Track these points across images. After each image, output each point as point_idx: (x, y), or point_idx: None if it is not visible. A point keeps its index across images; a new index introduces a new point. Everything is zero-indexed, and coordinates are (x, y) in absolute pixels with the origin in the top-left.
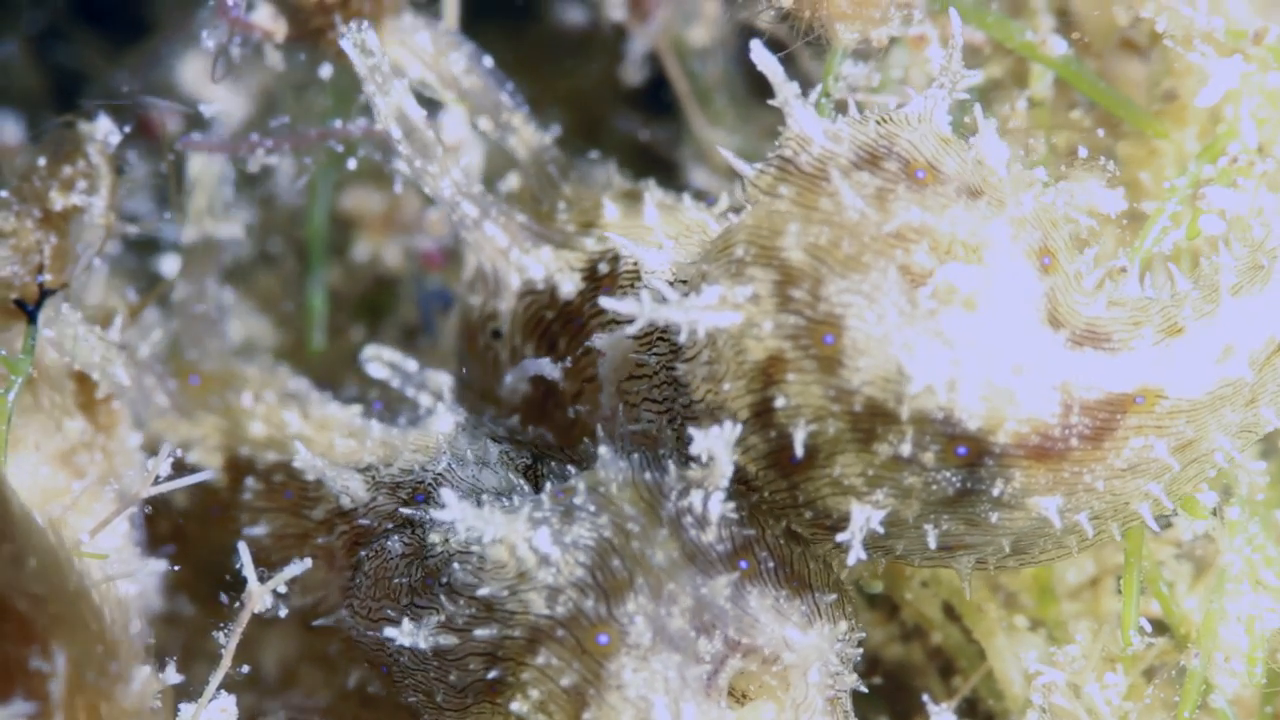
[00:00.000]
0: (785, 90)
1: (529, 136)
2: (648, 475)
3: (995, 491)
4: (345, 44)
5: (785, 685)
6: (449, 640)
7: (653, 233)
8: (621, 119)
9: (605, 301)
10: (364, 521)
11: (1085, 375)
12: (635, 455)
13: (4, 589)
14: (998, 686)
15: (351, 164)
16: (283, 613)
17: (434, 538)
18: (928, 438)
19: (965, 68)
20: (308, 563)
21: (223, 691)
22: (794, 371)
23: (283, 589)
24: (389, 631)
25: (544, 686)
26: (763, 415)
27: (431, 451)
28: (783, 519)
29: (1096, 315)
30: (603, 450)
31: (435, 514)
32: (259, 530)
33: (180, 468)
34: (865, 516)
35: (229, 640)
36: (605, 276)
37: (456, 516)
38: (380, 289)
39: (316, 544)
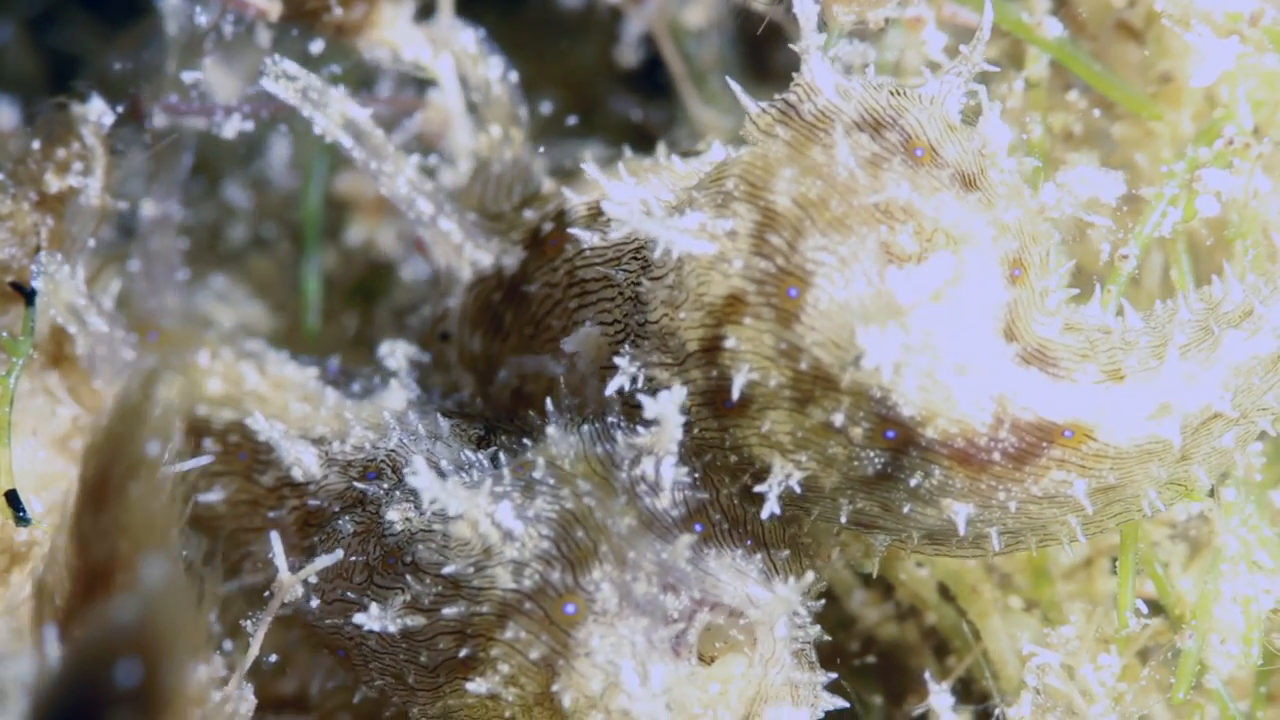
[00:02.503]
0: (811, 38)
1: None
2: (598, 448)
3: (913, 483)
4: (267, 83)
5: (752, 640)
6: (417, 621)
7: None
8: (617, 100)
9: (605, 205)
10: (314, 502)
11: (1024, 395)
12: (585, 428)
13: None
14: (992, 667)
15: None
16: (314, 602)
17: (392, 515)
18: (861, 413)
19: (963, 51)
20: (338, 554)
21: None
22: (751, 316)
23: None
24: (358, 618)
25: (513, 660)
26: (710, 352)
27: (383, 429)
28: (737, 478)
29: (1049, 338)
30: (550, 430)
31: (409, 479)
32: (214, 496)
33: None
34: (785, 474)
35: (257, 629)
36: (551, 233)
37: (424, 486)
38: (374, 273)
39: (267, 518)
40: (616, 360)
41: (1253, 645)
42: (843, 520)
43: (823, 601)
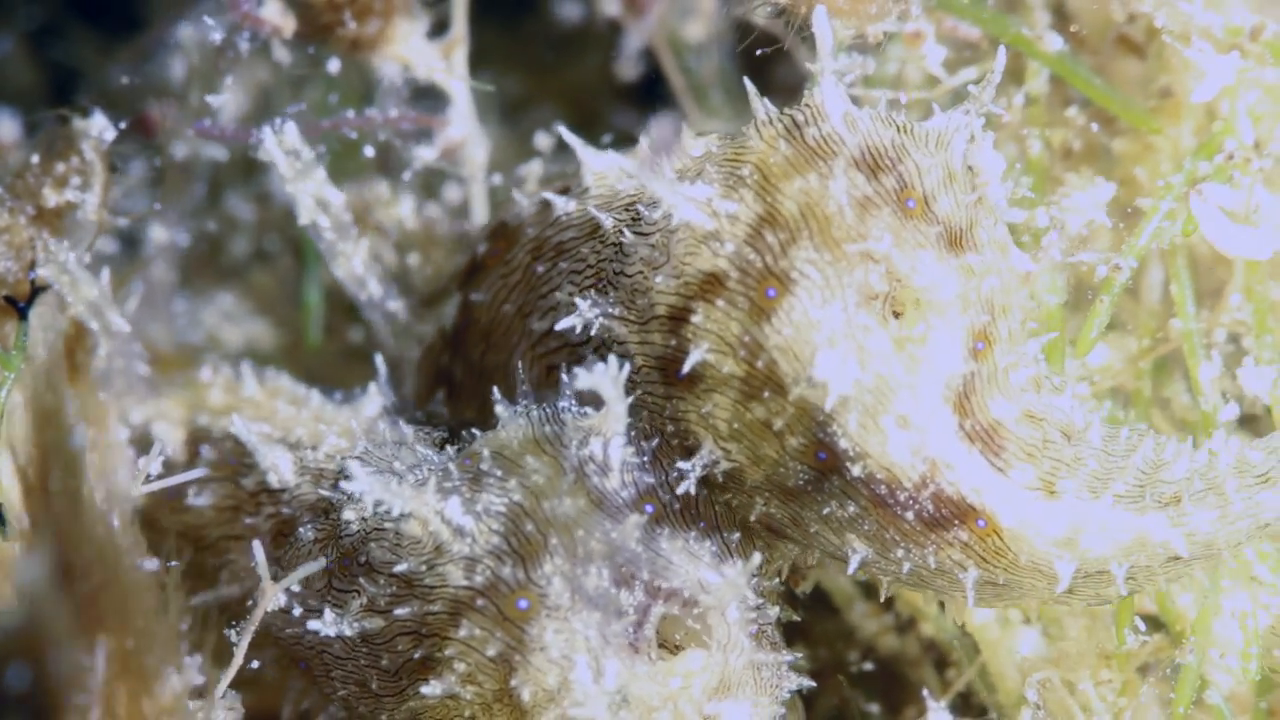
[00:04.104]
0: (827, 63)
1: None
2: (547, 429)
3: (826, 510)
4: (269, 145)
5: (710, 629)
6: (375, 623)
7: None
8: (618, 114)
9: (613, 161)
10: (286, 510)
11: (957, 470)
12: (534, 412)
13: (70, 568)
14: (991, 680)
15: (369, 152)
16: (296, 611)
17: (348, 515)
18: (800, 426)
19: (961, 65)
20: (321, 561)
21: (230, 690)
22: (725, 300)
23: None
24: (313, 624)
25: (470, 658)
26: (675, 320)
27: (353, 436)
28: (688, 457)
29: (1002, 421)
30: (500, 410)
31: (343, 484)
32: (202, 500)
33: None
34: (713, 458)
35: (240, 637)
36: (490, 247)
37: (363, 488)
38: None
39: (244, 524)
40: (577, 300)
41: (1251, 660)
42: (752, 518)
43: (777, 580)
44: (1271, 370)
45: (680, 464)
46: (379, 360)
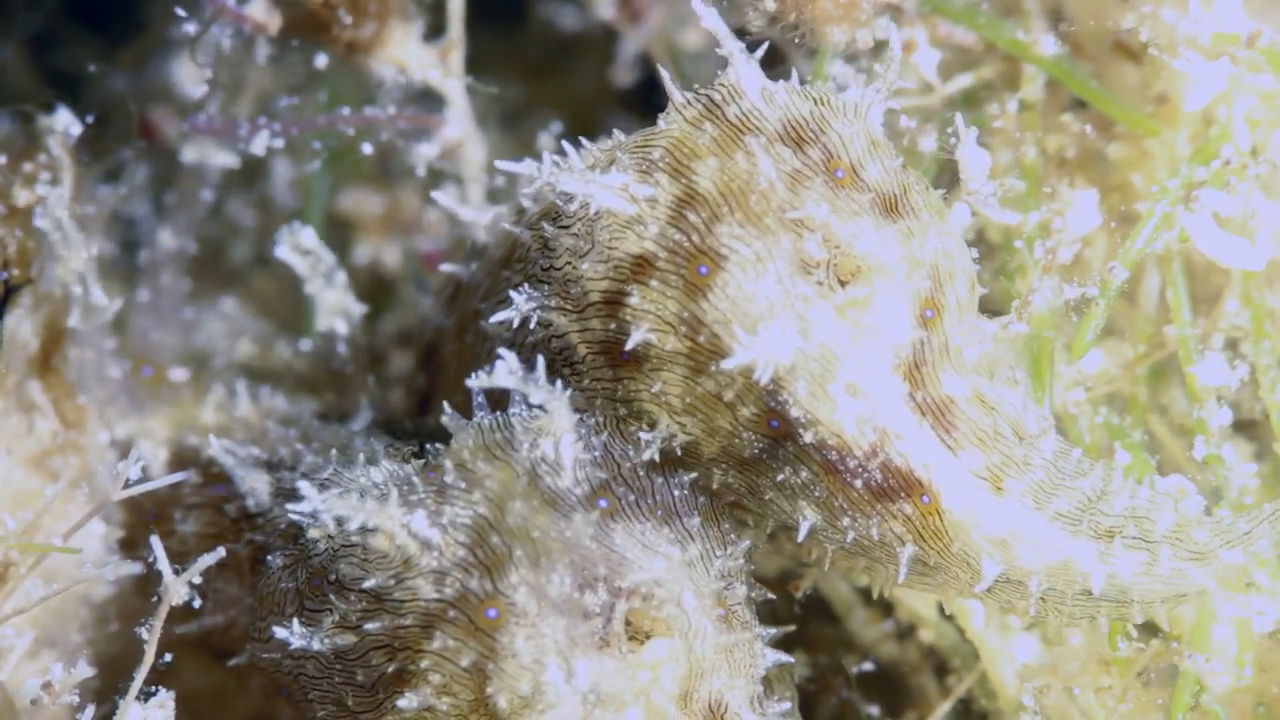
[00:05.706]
0: (730, 44)
1: None
2: (497, 435)
3: (780, 476)
4: (281, 250)
5: (670, 620)
6: (347, 639)
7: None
8: (618, 121)
9: (501, 164)
10: (260, 537)
11: (906, 441)
12: (485, 420)
13: None
14: (990, 687)
15: (367, 149)
16: (197, 603)
17: (314, 534)
18: (751, 396)
19: (955, 71)
20: (220, 551)
21: (161, 689)
22: (658, 280)
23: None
24: (279, 633)
25: (444, 669)
26: (613, 304)
27: (328, 457)
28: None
29: (954, 399)
30: (445, 421)
31: (289, 505)
32: (187, 527)
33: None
34: (670, 432)
35: (150, 635)
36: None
37: (318, 507)
38: (378, 290)
39: (226, 548)
40: (512, 294)
41: (1245, 666)
42: (714, 486)
43: (741, 561)
44: (1235, 368)
45: (643, 435)
46: (371, 380)
